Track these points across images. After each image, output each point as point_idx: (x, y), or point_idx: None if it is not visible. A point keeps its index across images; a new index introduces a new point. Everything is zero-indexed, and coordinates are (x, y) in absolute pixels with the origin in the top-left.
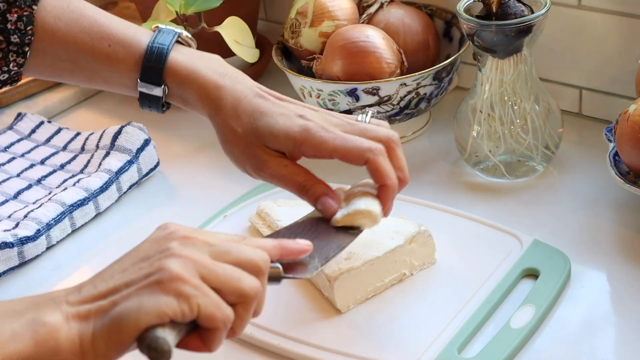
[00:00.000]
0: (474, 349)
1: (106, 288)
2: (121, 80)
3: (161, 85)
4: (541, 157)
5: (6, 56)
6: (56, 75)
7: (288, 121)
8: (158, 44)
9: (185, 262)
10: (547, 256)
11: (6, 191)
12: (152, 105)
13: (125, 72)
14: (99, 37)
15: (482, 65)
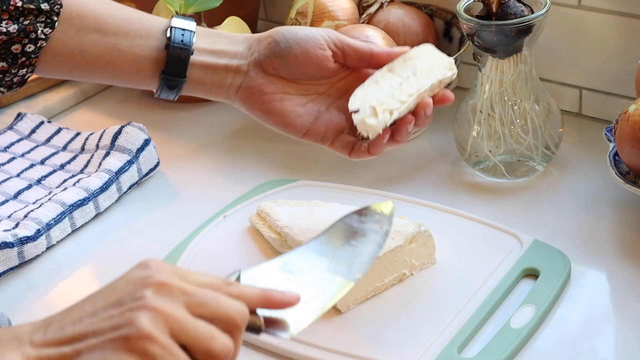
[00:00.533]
0: (474, 349)
1: (72, 333)
2: (148, 40)
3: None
4: (541, 157)
5: (34, 25)
6: (78, 51)
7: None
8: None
9: (156, 316)
10: (547, 256)
11: (6, 191)
12: (179, 63)
13: (154, 27)
14: (126, 7)
15: (482, 65)
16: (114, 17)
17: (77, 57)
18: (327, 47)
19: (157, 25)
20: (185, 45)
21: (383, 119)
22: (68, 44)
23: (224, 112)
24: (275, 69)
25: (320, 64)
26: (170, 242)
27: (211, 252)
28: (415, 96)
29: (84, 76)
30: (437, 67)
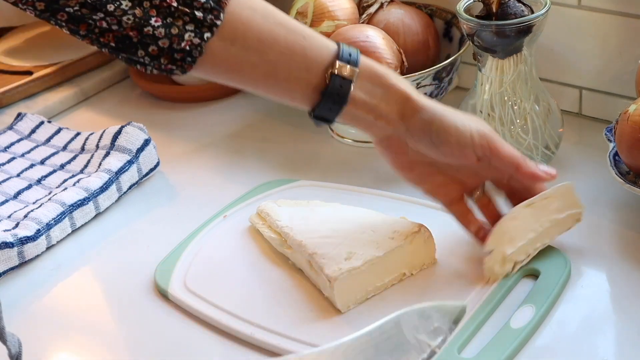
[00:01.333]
0: (474, 349)
1: None
2: (308, 74)
3: (357, 67)
4: (541, 157)
5: (182, 33)
6: (235, 69)
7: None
8: (348, 48)
9: None
10: (547, 256)
11: (6, 191)
12: (339, 97)
13: (316, 62)
14: (294, 31)
15: (482, 65)
16: (278, 44)
17: (233, 73)
18: (474, 153)
19: (320, 61)
20: (342, 96)
21: (508, 269)
22: (231, 61)
23: (224, 112)
24: (420, 148)
25: (463, 161)
26: (170, 242)
27: (211, 252)
28: (539, 248)
29: (236, 85)
30: (568, 215)
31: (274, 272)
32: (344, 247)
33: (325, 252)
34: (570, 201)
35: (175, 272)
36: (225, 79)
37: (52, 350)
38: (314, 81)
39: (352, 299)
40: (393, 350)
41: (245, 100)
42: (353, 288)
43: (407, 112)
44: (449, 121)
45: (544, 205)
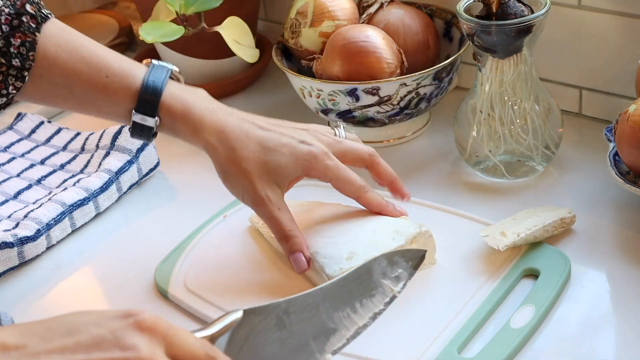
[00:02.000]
0: (474, 349)
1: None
2: (115, 110)
3: (155, 117)
4: (541, 157)
5: (5, 79)
6: (48, 101)
7: (294, 151)
8: (154, 78)
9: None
10: (547, 256)
11: (6, 191)
12: (143, 134)
13: (120, 102)
14: (98, 68)
15: (482, 65)
16: (81, 82)
17: (48, 103)
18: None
19: (123, 104)
20: (147, 135)
21: (512, 238)
22: (42, 94)
23: None
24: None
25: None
26: (170, 242)
27: (211, 252)
28: (540, 227)
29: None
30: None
31: (273, 272)
32: (345, 247)
33: (325, 252)
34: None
35: (175, 272)
36: (46, 105)
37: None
38: (122, 115)
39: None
40: (362, 294)
41: (245, 100)
42: None
43: (222, 140)
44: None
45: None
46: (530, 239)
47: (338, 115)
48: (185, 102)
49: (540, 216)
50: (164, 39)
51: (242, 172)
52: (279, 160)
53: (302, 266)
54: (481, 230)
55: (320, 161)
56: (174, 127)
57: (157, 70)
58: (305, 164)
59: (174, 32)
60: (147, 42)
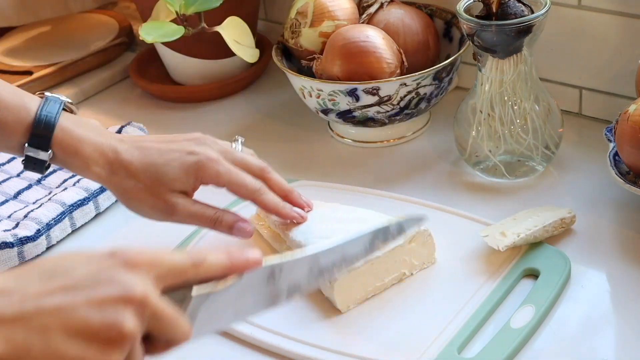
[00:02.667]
0: (474, 349)
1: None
2: (7, 143)
3: (48, 151)
4: (541, 157)
5: None
6: None
7: (182, 162)
8: (46, 112)
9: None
10: (547, 256)
11: (6, 191)
12: (36, 167)
13: (12, 136)
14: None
15: (482, 65)
16: None
17: None
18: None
19: (15, 138)
20: (39, 168)
21: (512, 238)
22: None
23: (224, 112)
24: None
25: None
26: (170, 242)
27: None
28: (540, 227)
29: None
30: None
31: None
32: None
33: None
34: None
35: None
36: None
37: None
38: (15, 148)
39: (352, 299)
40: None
41: (245, 100)
42: (353, 288)
43: (114, 170)
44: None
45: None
46: (530, 239)
47: (338, 115)
48: (77, 136)
49: (540, 216)
50: (164, 39)
51: (143, 193)
52: (170, 174)
53: (248, 230)
54: (481, 231)
55: (209, 168)
56: (66, 160)
57: (50, 103)
58: (196, 174)
59: (174, 32)
60: (147, 42)
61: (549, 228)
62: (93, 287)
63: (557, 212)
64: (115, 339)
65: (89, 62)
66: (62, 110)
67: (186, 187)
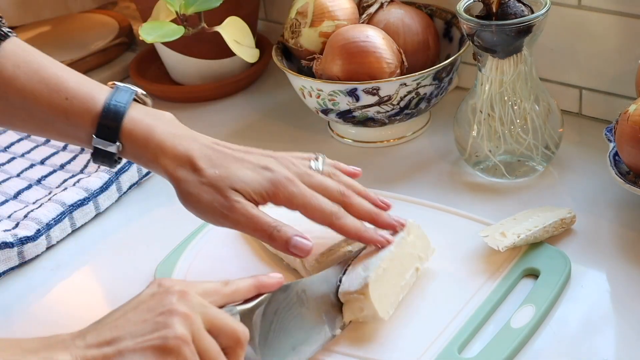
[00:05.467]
0: (474, 348)
1: (110, 336)
2: (75, 134)
3: (116, 142)
4: (541, 157)
5: None
6: (8, 122)
7: (256, 175)
8: (115, 101)
9: (186, 321)
10: (547, 256)
11: (6, 191)
12: (105, 160)
13: (81, 126)
14: (57, 90)
15: (482, 65)
16: (41, 105)
17: (6, 125)
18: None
19: (83, 127)
20: (109, 161)
21: (512, 239)
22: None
23: (224, 112)
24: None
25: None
26: (170, 242)
27: (211, 252)
28: (540, 228)
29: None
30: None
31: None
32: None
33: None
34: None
35: (175, 272)
36: (7, 128)
37: None
38: (83, 139)
39: (388, 303)
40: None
41: (245, 100)
42: (385, 291)
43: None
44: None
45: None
46: (530, 239)
47: (338, 115)
48: (147, 127)
49: (540, 216)
50: (164, 39)
51: (205, 185)
52: (240, 176)
53: (307, 247)
54: (481, 231)
55: (283, 189)
56: (135, 152)
57: (120, 93)
58: (267, 190)
59: (174, 32)
60: (147, 42)
61: (549, 228)
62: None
63: (557, 212)
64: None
65: (89, 62)
66: (132, 101)
67: (252, 199)
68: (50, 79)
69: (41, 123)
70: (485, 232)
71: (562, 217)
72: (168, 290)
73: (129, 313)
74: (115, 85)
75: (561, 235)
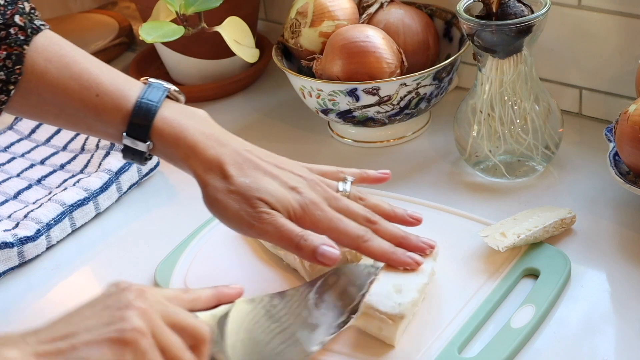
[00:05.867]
0: (474, 348)
1: (65, 331)
2: (106, 130)
3: (147, 141)
4: (541, 157)
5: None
6: (39, 116)
7: (284, 195)
8: (147, 100)
9: (144, 315)
10: (547, 256)
11: (6, 191)
12: (135, 157)
13: (111, 123)
14: (88, 86)
15: (482, 65)
16: (72, 100)
17: (38, 119)
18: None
19: (114, 124)
20: (139, 158)
21: (512, 239)
22: (32, 109)
23: (224, 112)
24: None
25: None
26: (171, 242)
27: (211, 252)
28: (540, 228)
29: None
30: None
31: (275, 272)
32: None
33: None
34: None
35: (175, 272)
36: (38, 121)
37: None
38: (115, 135)
39: (403, 329)
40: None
41: (245, 100)
42: (409, 320)
43: (211, 167)
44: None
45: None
46: (530, 239)
47: (338, 115)
48: (179, 127)
49: (540, 217)
50: (164, 39)
51: (234, 194)
52: (269, 189)
53: (334, 256)
54: (481, 231)
55: (310, 212)
56: (165, 151)
57: (153, 90)
58: (296, 212)
59: (174, 32)
60: (147, 42)
61: (549, 228)
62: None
63: (557, 212)
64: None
65: None
66: (165, 98)
67: (279, 210)
68: (81, 75)
69: (72, 118)
70: (485, 232)
71: (562, 217)
72: (125, 289)
73: (85, 310)
74: (147, 82)
75: (561, 235)
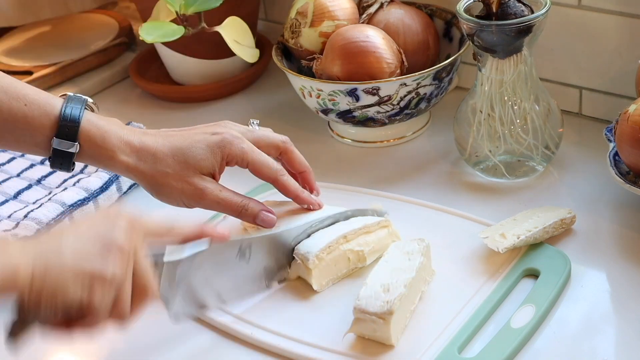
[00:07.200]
0: (474, 348)
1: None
2: (33, 139)
3: (75, 142)
4: (541, 157)
5: None
6: None
7: (207, 142)
8: (71, 107)
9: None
10: (547, 256)
11: (6, 191)
12: (63, 162)
13: (40, 129)
14: (16, 97)
15: (482, 65)
16: (1, 111)
17: None
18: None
19: (42, 131)
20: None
21: (511, 240)
22: None
23: (224, 112)
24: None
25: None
26: None
27: None
28: (540, 228)
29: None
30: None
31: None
32: (374, 280)
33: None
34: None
35: None
36: None
37: (52, 351)
38: (42, 144)
39: (399, 330)
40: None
41: (245, 100)
42: (400, 319)
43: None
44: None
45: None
46: (530, 240)
47: (338, 115)
48: (102, 127)
49: (540, 217)
50: (164, 39)
51: (172, 178)
52: (196, 154)
53: (272, 221)
54: (481, 232)
55: (235, 145)
56: (92, 153)
57: (73, 100)
58: (222, 151)
59: (174, 32)
60: (147, 42)
61: (549, 229)
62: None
63: (557, 212)
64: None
65: (89, 62)
66: (84, 109)
67: (213, 168)
68: (8, 87)
69: (0, 131)
70: (485, 233)
71: (562, 217)
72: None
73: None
74: (67, 95)
75: (561, 235)
